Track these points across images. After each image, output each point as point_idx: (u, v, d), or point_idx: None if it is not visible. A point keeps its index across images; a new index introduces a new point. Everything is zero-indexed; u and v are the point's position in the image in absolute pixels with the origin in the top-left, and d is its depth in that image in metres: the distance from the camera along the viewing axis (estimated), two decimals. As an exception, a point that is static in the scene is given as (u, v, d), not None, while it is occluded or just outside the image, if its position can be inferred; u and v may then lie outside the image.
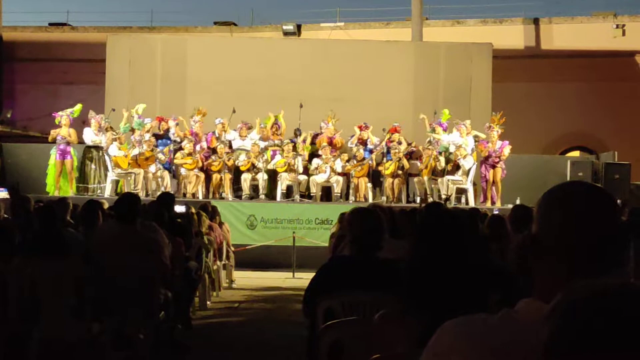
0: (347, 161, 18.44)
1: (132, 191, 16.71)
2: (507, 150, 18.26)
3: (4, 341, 5.79)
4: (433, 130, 18.91)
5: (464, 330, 1.80)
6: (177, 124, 19.19)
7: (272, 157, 18.47)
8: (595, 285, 1.43)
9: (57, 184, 18.30)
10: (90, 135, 18.55)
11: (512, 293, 2.21)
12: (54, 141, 18.42)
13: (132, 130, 18.86)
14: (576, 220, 1.80)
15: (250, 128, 19.10)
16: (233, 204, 17.36)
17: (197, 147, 18.56)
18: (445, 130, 18.92)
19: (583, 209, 1.81)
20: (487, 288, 2.51)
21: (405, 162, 18.11)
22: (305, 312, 5.11)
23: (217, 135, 19.00)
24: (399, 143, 18.51)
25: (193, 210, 11.35)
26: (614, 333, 1.35)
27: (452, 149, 18.39)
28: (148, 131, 18.82)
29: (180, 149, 18.45)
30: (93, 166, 18.42)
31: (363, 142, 18.92)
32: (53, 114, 18.79)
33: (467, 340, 1.77)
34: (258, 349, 9.03)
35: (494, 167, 18.16)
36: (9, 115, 27.29)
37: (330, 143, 18.66)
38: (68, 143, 18.35)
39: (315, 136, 19.40)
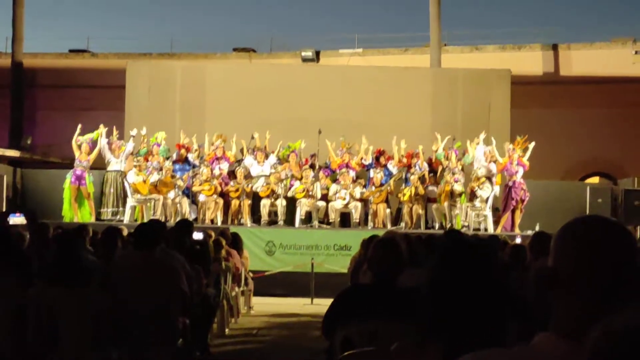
0: (364, 186, 18.44)
1: (152, 217, 16.75)
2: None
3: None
4: (463, 156, 18.95)
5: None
6: (197, 149, 19.23)
7: (291, 185, 18.44)
8: (633, 320, 1.42)
9: (75, 211, 18.31)
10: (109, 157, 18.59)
11: (529, 323, 2.20)
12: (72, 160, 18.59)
13: (148, 153, 18.97)
14: (592, 256, 1.78)
15: (267, 156, 19.09)
16: (252, 230, 17.33)
17: (216, 168, 18.59)
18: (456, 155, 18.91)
19: (599, 244, 1.79)
20: (506, 317, 2.50)
21: (420, 187, 18.06)
22: (325, 336, 5.18)
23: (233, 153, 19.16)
24: (413, 166, 18.55)
25: (213, 235, 11.39)
26: None
27: (481, 171, 18.23)
28: (168, 158, 18.93)
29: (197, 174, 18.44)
30: (112, 191, 18.46)
31: (382, 166, 18.90)
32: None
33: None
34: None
35: (523, 190, 18.02)
36: (29, 142, 27.46)
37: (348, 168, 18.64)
38: (84, 169, 18.43)
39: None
